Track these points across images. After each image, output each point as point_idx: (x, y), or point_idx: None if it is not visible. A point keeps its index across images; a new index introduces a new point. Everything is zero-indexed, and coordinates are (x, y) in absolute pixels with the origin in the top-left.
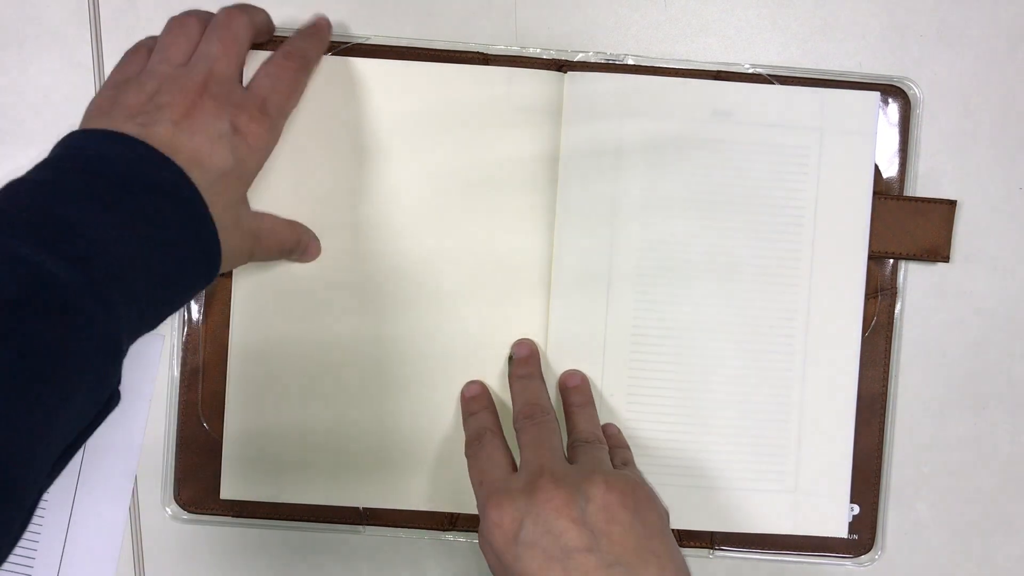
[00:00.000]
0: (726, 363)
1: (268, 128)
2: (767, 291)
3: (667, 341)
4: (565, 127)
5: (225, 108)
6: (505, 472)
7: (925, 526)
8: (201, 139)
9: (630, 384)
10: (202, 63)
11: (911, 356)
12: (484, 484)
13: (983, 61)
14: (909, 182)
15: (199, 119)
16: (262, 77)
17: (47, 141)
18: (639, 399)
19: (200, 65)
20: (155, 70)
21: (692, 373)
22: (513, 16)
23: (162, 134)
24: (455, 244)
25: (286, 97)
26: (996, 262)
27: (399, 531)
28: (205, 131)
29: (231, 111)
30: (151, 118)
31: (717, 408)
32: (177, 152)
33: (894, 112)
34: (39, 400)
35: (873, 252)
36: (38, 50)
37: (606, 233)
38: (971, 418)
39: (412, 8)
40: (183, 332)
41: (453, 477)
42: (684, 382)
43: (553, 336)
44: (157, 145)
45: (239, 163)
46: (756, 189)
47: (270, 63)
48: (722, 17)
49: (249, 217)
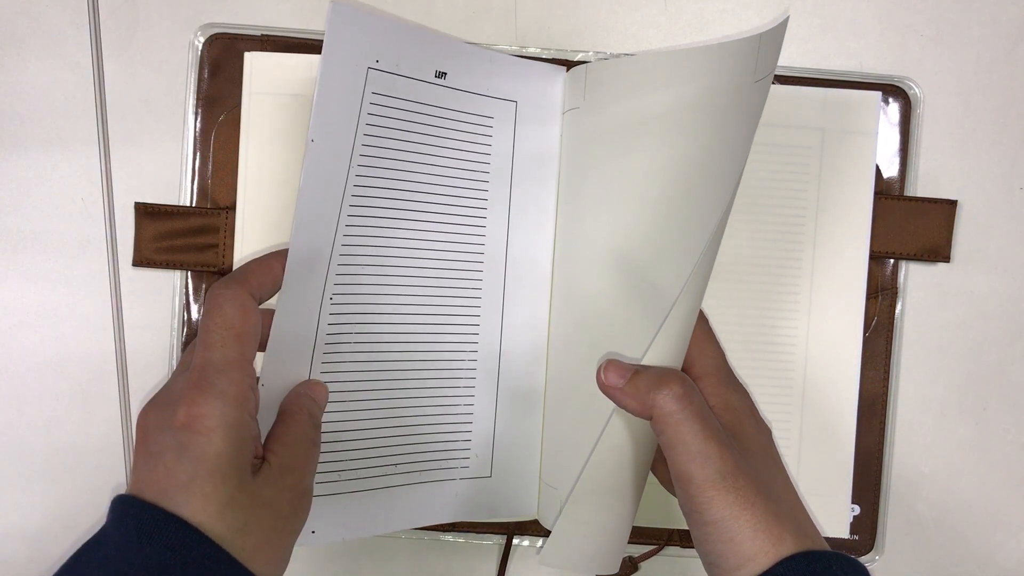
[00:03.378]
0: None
1: (213, 395)
2: (768, 291)
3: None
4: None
5: (163, 420)
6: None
7: (925, 526)
8: (166, 484)
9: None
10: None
11: (911, 356)
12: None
13: (983, 61)
14: (910, 182)
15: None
16: (197, 344)
17: (47, 141)
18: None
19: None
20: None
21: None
22: (513, 16)
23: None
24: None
25: (221, 340)
26: (996, 262)
27: (399, 531)
28: (168, 477)
29: (169, 416)
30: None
31: None
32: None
33: (895, 112)
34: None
35: (874, 252)
36: (38, 50)
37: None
38: (971, 418)
39: (412, 8)
40: (183, 332)
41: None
42: None
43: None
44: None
45: (202, 457)
46: (757, 189)
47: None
48: (722, 17)
49: (260, 484)
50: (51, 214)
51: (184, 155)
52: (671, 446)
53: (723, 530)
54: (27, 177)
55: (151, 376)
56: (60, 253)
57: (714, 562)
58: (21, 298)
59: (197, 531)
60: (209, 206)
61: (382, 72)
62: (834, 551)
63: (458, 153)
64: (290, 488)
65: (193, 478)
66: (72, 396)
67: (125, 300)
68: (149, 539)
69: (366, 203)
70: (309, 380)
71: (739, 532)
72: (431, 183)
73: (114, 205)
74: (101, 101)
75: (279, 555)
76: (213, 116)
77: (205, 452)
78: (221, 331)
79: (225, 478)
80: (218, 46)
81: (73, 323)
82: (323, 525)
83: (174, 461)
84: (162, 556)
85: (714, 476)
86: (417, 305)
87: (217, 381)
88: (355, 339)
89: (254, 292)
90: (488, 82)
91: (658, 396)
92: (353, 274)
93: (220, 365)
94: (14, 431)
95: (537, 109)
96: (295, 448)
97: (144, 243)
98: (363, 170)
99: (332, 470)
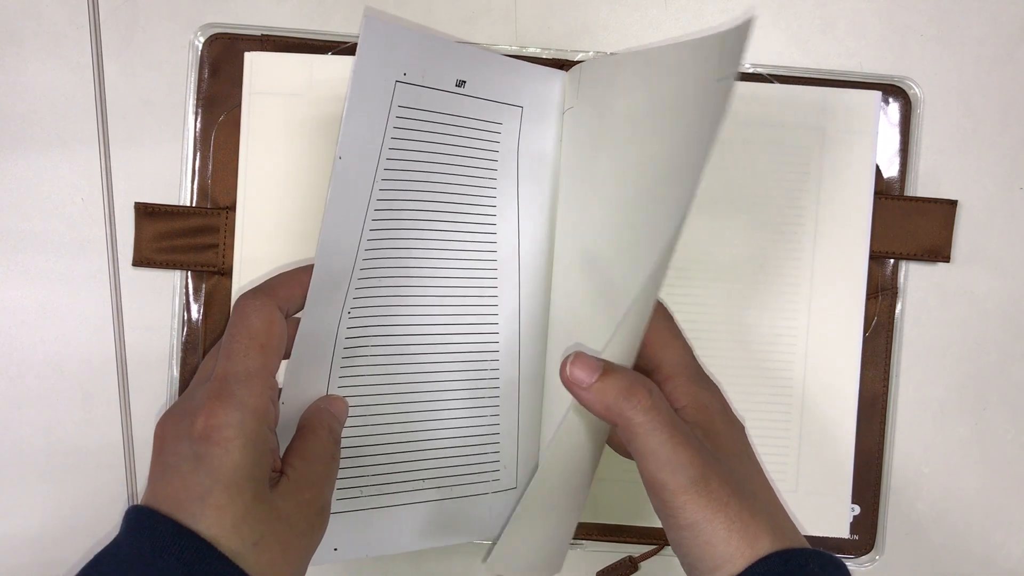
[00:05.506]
0: (727, 363)
1: (233, 406)
2: (768, 291)
3: None
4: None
5: (181, 430)
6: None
7: (925, 526)
8: (182, 496)
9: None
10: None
11: (911, 356)
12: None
13: (983, 61)
14: (910, 182)
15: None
16: (220, 353)
17: (47, 141)
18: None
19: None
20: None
21: None
22: (513, 16)
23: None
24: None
25: (245, 350)
26: (996, 262)
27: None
28: (185, 489)
29: (187, 426)
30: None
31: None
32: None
33: (895, 112)
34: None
35: (874, 252)
36: (38, 50)
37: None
38: (971, 418)
39: (413, 8)
40: (183, 332)
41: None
42: None
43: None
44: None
45: (219, 468)
46: (757, 189)
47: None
48: (722, 17)
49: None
50: (51, 214)
51: (184, 155)
52: (641, 455)
53: (697, 533)
54: (27, 177)
55: (151, 376)
56: (60, 253)
57: (692, 564)
58: (21, 298)
59: (210, 546)
60: (209, 206)
61: (409, 85)
62: (812, 548)
63: (471, 160)
64: (308, 503)
65: (209, 490)
66: (72, 396)
67: (125, 300)
68: (162, 553)
69: (387, 215)
70: (329, 395)
71: (713, 534)
72: (447, 191)
73: (114, 205)
74: (101, 101)
75: (294, 570)
76: (213, 116)
77: (222, 463)
78: (245, 341)
79: (241, 490)
80: (218, 46)
81: (73, 323)
82: (345, 542)
83: (190, 472)
84: (175, 571)
85: (685, 482)
86: (435, 315)
87: (237, 392)
88: (373, 351)
89: (281, 304)
90: (501, 87)
91: (626, 407)
92: (372, 286)
93: (242, 376)
94: (14, 431)
95: (541, 111)
96: (314, 463)
97: (144, 243)
98: (386, 184)
99: (354, 486)
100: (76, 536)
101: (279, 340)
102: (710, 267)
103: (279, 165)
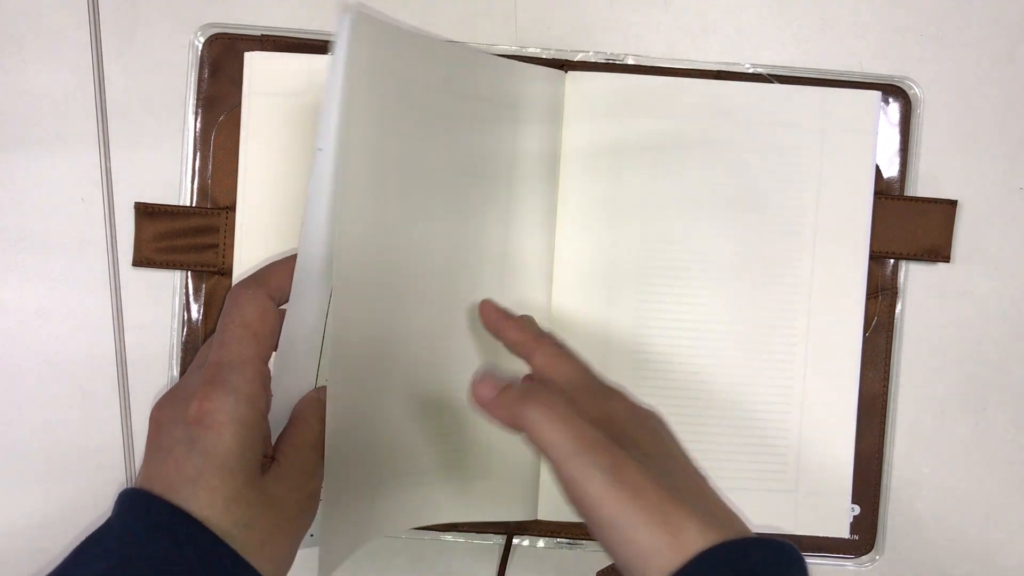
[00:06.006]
0: (727, 363)
1: (226, 391)
2: (768, 291)
3: (668, 340)
4: (567, 126)
5: (176, 414)
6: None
7: (925, 526)
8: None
9: (631, 382)
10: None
11: (911, 356)
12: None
13: (983, 61)
14: (909, 182)
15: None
16: (214, 341)
17: (47, 141)
18: (640, 398)
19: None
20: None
21: (693, 373)
22: (513, 16)
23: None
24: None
25: (238, 338)
26: (996, 262)
27: (400, 531)
28: (177, 470)
29: (182, 410)
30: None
31: (718, 407)
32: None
33: (894, 112)
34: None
35: (874, 252)
36: (38, 50)
37: (607, 233)
38: (971, 418)
39: (413, 8)
40: (183, 332)
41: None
42: (685, 382)
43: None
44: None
45: (212, 451)
46: (757, 189)
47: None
48: (723, 17)
49: (267, 483)
50: (51, 214)
51: (184, 155)
52: (548, 454)
53: (618, 531)
54: (27, 177)
55: (151, 376)
56: (60, 253)
57: (624, 567)
58: (21, 298)
59: (201, 526)
60: (209, 206)
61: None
62: (756, 536)
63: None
64: (297, 488)
65: (201, 472)
66: (72, 396)
67: (125, 300)
68: (155, 532)
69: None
70: (323, 387)
71: (634, 530)
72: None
73: (114, 205)
74: (101, 101)
75: (283, 553)
76: (213, 116)
77: (215, 447)
78: (239, 329)
79: (233, 473)
80: (218, 46)
81: (73, 323)
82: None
83: (184, 455)
84: (167, 549)
85: (595, 473)
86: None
87: (231, 378)
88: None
89: (273, 293)
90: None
91: (523, 406)
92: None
93: (235, 362)
94: (14, 431)
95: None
96: (305, 451)
97: (144, 243)
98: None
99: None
100: (76, 536)
101: (272, 328)
102: (710, 267)
103: (279, 165)
